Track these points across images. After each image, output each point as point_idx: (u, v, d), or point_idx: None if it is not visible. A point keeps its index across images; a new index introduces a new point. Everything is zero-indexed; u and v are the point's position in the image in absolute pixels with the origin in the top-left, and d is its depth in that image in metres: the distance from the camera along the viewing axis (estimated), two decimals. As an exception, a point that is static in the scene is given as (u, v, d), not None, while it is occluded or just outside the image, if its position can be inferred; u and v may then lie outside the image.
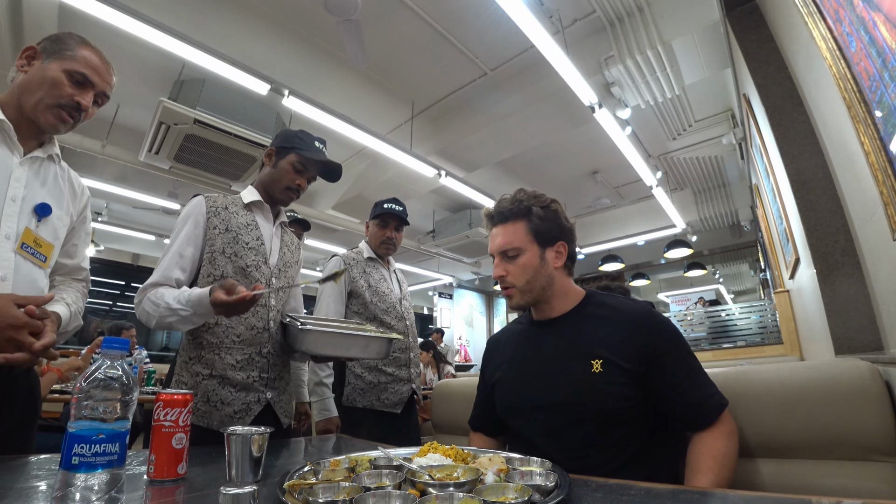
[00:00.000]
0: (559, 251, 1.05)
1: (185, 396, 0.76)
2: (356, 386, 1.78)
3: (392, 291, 1.93)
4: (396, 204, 1.95)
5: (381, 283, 1.90)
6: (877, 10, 0.91)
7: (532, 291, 1.03)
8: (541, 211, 1.03)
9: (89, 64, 1.05)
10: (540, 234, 1.03)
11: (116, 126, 4.13)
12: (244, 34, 3.27)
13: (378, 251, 1.96)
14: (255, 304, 1.08)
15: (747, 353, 3.78)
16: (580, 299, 1.06)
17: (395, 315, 1.89)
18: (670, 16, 3.03)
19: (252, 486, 0.49)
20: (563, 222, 1.06)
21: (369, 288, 1.85)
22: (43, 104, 1.01)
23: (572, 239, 1.08)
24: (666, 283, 10.30)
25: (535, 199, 1.05)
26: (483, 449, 0.87)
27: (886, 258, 1.19)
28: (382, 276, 1.93)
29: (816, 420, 0.89)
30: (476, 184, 4.96)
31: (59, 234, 1.09)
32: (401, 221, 1.96)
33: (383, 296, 1.87)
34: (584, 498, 0.60)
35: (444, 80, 3.92)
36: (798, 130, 1.80)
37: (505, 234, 1.04)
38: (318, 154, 1.35)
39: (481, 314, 10.65)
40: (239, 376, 1.18)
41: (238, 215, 1.29)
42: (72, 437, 0.57)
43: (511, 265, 1.03)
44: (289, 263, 1.39)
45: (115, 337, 0.64)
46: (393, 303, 1.90)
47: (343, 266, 1.83)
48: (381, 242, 1.94)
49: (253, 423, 1.18)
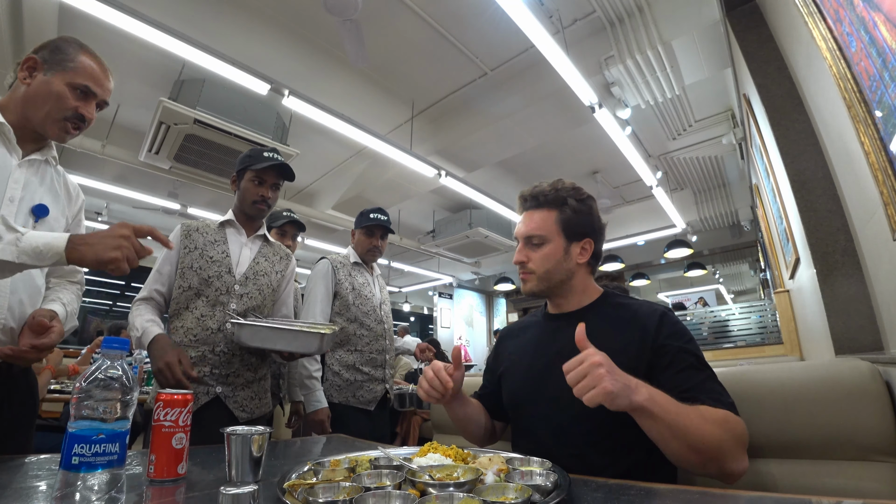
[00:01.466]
0: (585, 247, 1.03)
1: (186, 396, 0.76)
2: (333, 382, 1.89)
3: (374, 296, 2.04)
4: (381, 214, 2.07)
5: (365, 288, 2.02)
6: (877, 10, 0.91)
7: (549, 281, 1.02)
8: (576, 203, 1.02)
9: (91, 75, 1.07)
10: (569, 226, 1.02)
11: (116, 126, 4.13)
12: (244, 34, 3.27)
13: (364, 258, 2.09)
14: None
15: (747, 353, 3.78)
16: (596, 297, 1.06)
17: (375, 318, 2.00)
18: (670, 16, 3.02)
19: (252, 486, 0.49)
20: (595, 220, 1.05)
21: (353, 290, 1.96)
22: (50, 118, 1.04)
23: (600, 238, 1.06)
24: (666, 283, 10.30)
25: (573, 190, 1.04)
26: (483, 449, 0.87)
27: (886, 258, 1.19)
28: (366, 280, 2.06)
29: (816, 420, 0.89)
30: (476, 184, 4.96)
31: None
32: (386, 231, 2.09)
33: (366, 299, 1.99)
34: (584, 498, 0.60)
35: (444, 80, 3.92)
36: (798, 130, 1.80)
37: (533, 220, 1.03)
38: (266, 161, 1.49)
39: (481, 314, 10.65)
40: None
41: (207, 235, 1.50)
42: (72, 437, 0.57)
43: (534, 252, 1.03)
44: (263, 272, 1.55)
45: (114, 337, 0.64)
46: (374, 306, 2.01)
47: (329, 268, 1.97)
48: (368, 251, 2.07)
49: (202, 413, 1.32)
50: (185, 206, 5.26)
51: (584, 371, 0.72)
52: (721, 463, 0.76)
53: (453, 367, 0.97)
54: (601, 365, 0.72)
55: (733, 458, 0.76)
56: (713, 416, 0.77)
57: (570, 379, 0.73)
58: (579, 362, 0.73)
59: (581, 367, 0.73)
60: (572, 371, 0.73)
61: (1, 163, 1.00)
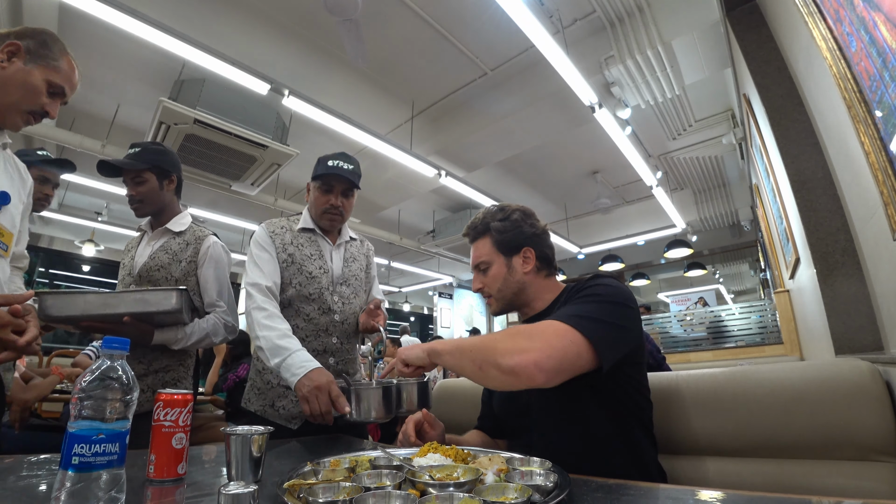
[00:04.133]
0: (526, 257, 1.08)
1: (186, 396, 0.76)
2: (254, 384, 1.43)
3: (326, 273, 1.45)
4: (346, 161, 1.45)
5: (311, 262, 1.44)
6: (877, 9, 0.91)
7: (504, 298, 1.09)
8: (500, 224, 1.09)
9: (68, 78, 1.07)
10: (503, 245, 1.09)
11: (116, 126, 4.13)
12: (244, 34, 3.27)
13: (320, 222, 1.50)
14: None
15: (747, 353, 3.78)
16: (558, 293, 1.08)
17: (319, 305, 1.41)
18: (670, 16, 3.03)
19: (252, 486, 0.49)
20: (525, 229, 1.09)
21: (293, 265, 1.41)
22: (16, 108, 1.01)
23: (540, 242, 1.10)
24: (666, 283, 10.31)
25: (497, 212, 1.12)
26: (483, 449, 0.87)
27: (886, 258, 1.19)
28: (317, 252, 1.47)
29: (816, 420, 0.89)
30: (476, 184, 4.97)
31: (16, 222, 1.09)
32: (350, 185, 1.47)
33: (310, 279, 1.41)
34: (584, 498, 0.60)
35: (444, 80, 3.92)
36: (798, 130, 1.80)
37: (476, 250, 1.13)
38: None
39: (481, 314, 10.65)
40: None
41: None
42: (72, 437, 0.57)
43: (485, 277, 1.11)
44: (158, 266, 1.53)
45: (115, 337, 0.64)
46: (321, 288, 1.42)
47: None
48: (324, 212, 1.46)
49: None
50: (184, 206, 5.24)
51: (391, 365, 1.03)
52: (492, 361, 0.78)
53: (429, 426, 1.05)
54: (400, 356, 0.95)
55: (502, 354, 0.76)
56: (505, 332, 0.82)
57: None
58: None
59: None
60: None
61: None
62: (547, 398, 0.95)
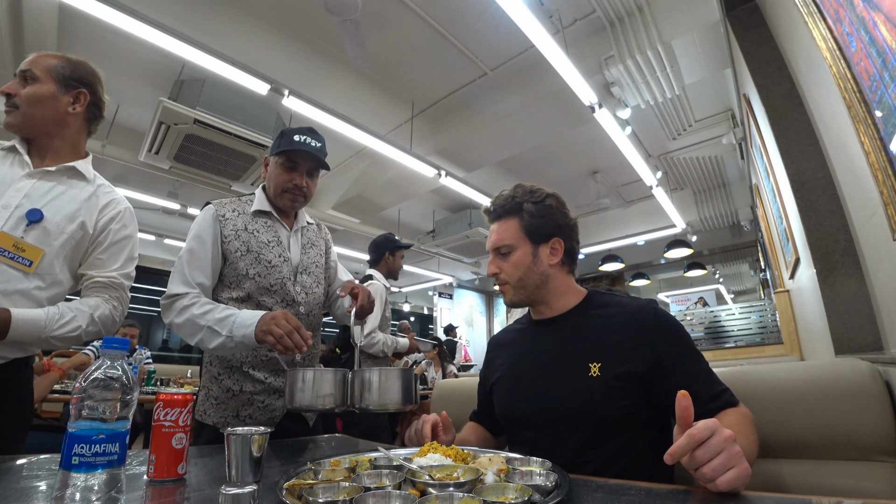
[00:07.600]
0: (554, 248, 1.02)
1: (185, 396, 0.76)
2: (210, 392, 1.24)
3: (286, 261, 1.31)
4: (313, 137, 1.30)
5: (269, 249, 1.28)
6: (877, 9, 0.91)
7: (525, 289, 1.01)
8: (533, 207, 1.01)
9: None
10: (532, 230, 1.01)
11: (116, 126, 4.13)
12: (244, 34, 3.27)
13: (278, 202, 1.33)
14: None
15: (747, 353, 3.78)
16: (581, 299, 1.03)
17: (282, 297, 1.28)
18: (670, 16, 3.03)
19: (252, 486, 0.49)
20: (559, 218, 1.02)
21: (248, 253, 1.25)
22: None
23: (570, 235, 1.04)
24: (666, 283, 10.31)
25: (529, 194, 1.03)
26: (483, 449, 0.87)
27: (886, 258, 1.19)
28: (275, 238, 1.31)
29: (816, 420, 0.89)
30: (476, 184, 4.97)
31: (55, 242, 1.10)
32: (317, 164, 1.32)
33: (269, 268, 1.27)
34: (584, 498, 0.60)
35: (444, 80, 3.92)
36: (798, 130, 1.80)
37: (498, 230, 1.04)
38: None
39: (481, 314, 10.65)
40: None
41: None
42: (72, 437, 0.57)
43: (504, 262, 1.02)
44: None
45: (114, 337, 0.64)
46: (282, 278, 1.28)
47: None
48: (284, 191, 1.30)
49: None
50: (184, 206, 5.26)
51: (718, 447, 0.58)
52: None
53: (442, 429, 0.98)
54: (734, 440, 0.59)
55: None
56: (744, 424, 0.79)
57: (701, 455, 0.58)
58: (710, 433, 0.59)
59: (713, 441, 0.58)
60: (702, 447, 0.58)
61: (7, 174, 1.10)
62: (583, 417, 0.89)
